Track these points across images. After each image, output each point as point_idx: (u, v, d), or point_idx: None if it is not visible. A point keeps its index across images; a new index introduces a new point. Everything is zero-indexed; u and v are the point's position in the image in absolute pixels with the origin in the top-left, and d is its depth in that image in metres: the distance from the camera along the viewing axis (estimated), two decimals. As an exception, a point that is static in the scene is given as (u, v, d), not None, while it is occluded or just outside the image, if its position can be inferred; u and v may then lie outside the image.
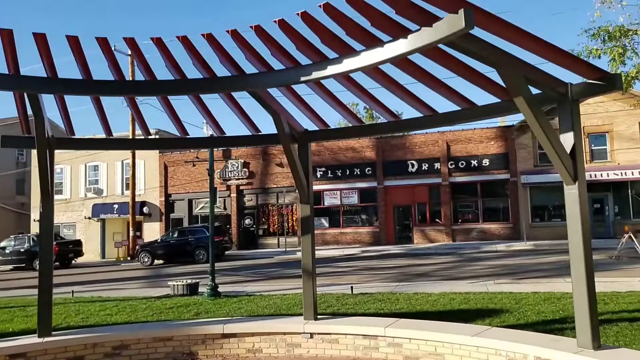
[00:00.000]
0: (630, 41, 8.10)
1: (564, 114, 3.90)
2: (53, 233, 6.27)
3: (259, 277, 17.00)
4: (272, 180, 28.67)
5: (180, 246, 23.60)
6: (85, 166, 31.65)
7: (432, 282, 12.62)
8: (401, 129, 5.76)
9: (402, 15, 3.43)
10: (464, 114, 5.17)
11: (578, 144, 3.86)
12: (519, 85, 3.58)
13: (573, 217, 3.95)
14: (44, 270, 6.00)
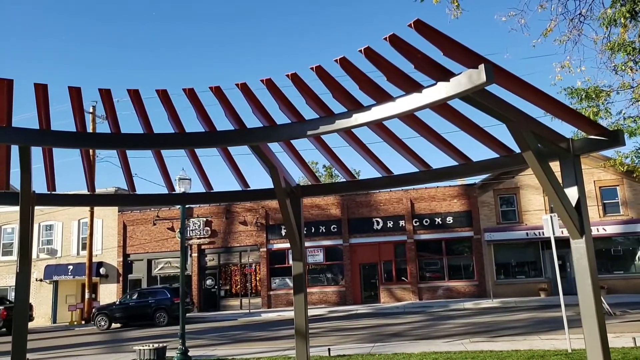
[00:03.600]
0: (603, 102, 8.73)
1: (567, 168, 4.09)
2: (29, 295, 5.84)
3: (226, 340, 16.30)
4: (235, 239, 28.13)
5: (139, 309, 22.42)
6: (38, 225, 30.08)
7: (408, 342, 12.44)
8: (395, 184, 5.85)
9: (420, 70, 3.58)
10: (461, 170, 5.33)
11: (582, 198, 4.03)
12: (528, 139, 3.75)
13: (582, 271, 4.03)
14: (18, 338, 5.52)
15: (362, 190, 5.70)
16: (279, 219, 27.54)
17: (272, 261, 27.49)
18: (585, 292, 4.02)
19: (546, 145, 4.14)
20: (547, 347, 9.82)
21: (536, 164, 3.81)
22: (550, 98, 3.67)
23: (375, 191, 27.36)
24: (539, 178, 3.93)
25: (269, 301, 26.86)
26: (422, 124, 4.73)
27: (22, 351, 5.50)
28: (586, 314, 4.02)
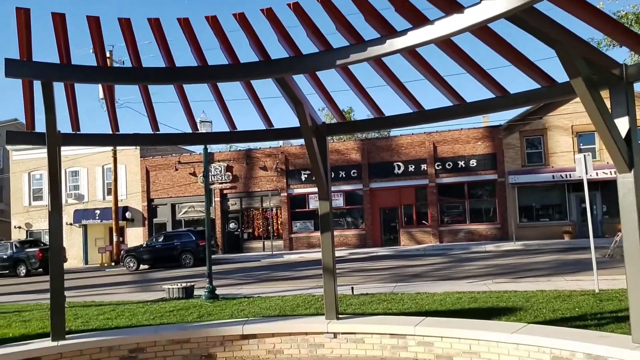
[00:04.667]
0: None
1: (619, 97, 3.80)
2: (62, 235, 5.92)
3: (251, 280, 16.69)
4: (255, 184, 28.31)
5: (165, 251, 23.05)
6: (65, 172, 30.69)
7: (430, 283, 12.53)
8: (426, 119, 5.60)
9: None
10: (498, 103, 5.05)
11: (633, 129, 3.76)
12: (579, 65, 3.46)
13: (628, 207, 3.81)
14: (55, 274, 5.65)
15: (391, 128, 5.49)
16: (299, 164, 27.54)
17: (293, 205, 27.73)
18: (630, 230, 3.84)
19: (596, 72, 3.83)
20: (573, 288, 9.76)
21: (586, 92, 3.53)
22: (608, 18, 3.35)
23: (397, 134, 26.98)
24: (588, 107, 3.67)
25: (290, 244, 27.34)
26: (459, 52, 4.43)
27: (60, 289, 5.63)
28: (630, 252, 3.86)
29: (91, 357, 5.53)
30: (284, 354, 5.89)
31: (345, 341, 5.80)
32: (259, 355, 5.92)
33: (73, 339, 5.68)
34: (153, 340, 5.77)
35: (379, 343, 5.68)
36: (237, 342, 5.92)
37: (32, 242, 26.62)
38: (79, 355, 5.47)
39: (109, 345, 5.62)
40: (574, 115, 22.71)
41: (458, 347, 5.30)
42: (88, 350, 5.52)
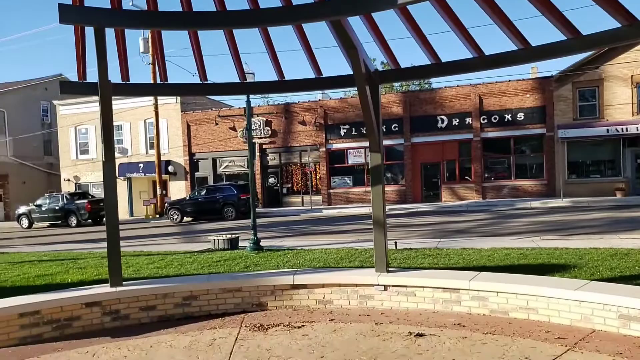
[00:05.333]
0: None
1: None
2: (116, 185, 6.00)
3: (292, 233, 16.87)
4: (294, 139, 28.22)
5: (208, 204, 23.55)
6: (108, 125, 31.44)
7: (474, 239, 12.30)
8: (487, 65, 5.25)
9: None
10: (569, 45, 4.64)
11: None
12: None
13: None
14: (111, 223, 5.78)
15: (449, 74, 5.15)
16: (338, 119, 27.18)
17: (332, 161, 27.60)
18: None
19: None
20: (630, 246, 9.35)
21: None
22: None
23: (441, 86, 26.07)
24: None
25: (329, 199, 27.42)
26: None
27: (116, 238, 5.76)
28: None
29: (147, 303, 5.69)
30: (333, 304, 5.91)
31: (395, 294, 5.74)
32: (308, 305, 5.96)
33: (129, 285, 5.85)
34: (206, 289, 5.88)
35: (431, 297, 5.60)
36: (288, 292, 5.97)
37: (81, 194, 27.60)
38: (136, 301, 5.64)
39: (164, 292, 5.76)
40: (635, 64, 21.24)
41: (515, 303, 5.15)
42: (144, 296, 5.68)
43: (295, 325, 5.24)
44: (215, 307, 5.88)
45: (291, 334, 4.96)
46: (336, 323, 5.29)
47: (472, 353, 4.23)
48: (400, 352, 4.34)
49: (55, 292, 5.80)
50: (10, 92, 36.29)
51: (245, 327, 5.31)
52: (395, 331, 4.92)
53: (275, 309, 5.94)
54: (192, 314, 5.82)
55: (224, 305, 5.90)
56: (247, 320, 5.58)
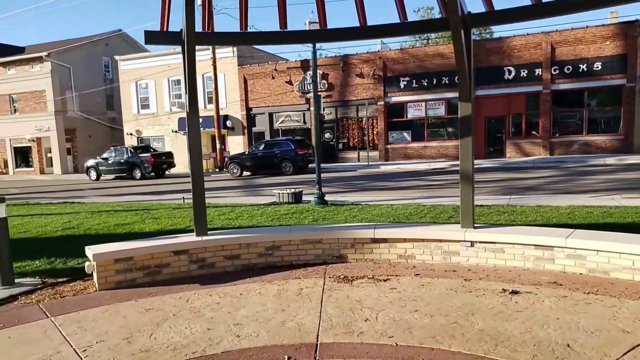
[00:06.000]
0: None
1: None
2: (200, 136, 6.01)
3: (351, 188, 16.79)
4: (351, 93, 27.70)
5: (266, 158, 23.80)
6: (168, 80, 32.04)
7: (547, 196, 11.74)
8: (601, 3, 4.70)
9: None
10: None
11: None
12: None
13: None
14: (196, 174, 5.84)
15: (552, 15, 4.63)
16: (398, 70, 26.32)
17: (390, 114, 27.00)
18: None
19: None
20: None
21: None
22: None
23: (509, 35, 24.51)
24: None
25: (386, 154, 27.02)
26: None
27: (201, 189, 5.82)
28: None
29: (232, 252, 5.78)
30: (415, 259, 5.79)
31: (482, 250, 5.53)
32: (389, 259, 5.87)
33: (213, 235, 5.94)
34: (288, 240, 5.90)
35: (521, 254, 5.35)
36: (368, 245, 5.89)
37: (144, 148, 28.52)
38: (221, 250, 5.74)
39: (248, 242, 5.82)
40: None
41: (617, 263, 4.83)
42: (229, 245, 5.77)
43: (380, 279, 5.17)
44: (297, 257, 5.90)
45: (378, 287, 4.90)
46: (422, 278, 5.18)
47: (577, 312, 4.01)
48: (497, 308, 4.18)
49: (144, 240, 5.99)
50: (74, 49, 37.52)
51: (329, 278, 5.30)
52: (487, 288, 4.74)
53: (355, 262, 5.90)
54: (275, 263, 5.87)
55: (305, 256, 5.91)
56: (330, 271, 5.57)
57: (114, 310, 4.58)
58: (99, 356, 3.55)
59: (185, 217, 10.28)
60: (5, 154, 39.12)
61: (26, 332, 4.11)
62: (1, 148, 39.17)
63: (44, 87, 36.23)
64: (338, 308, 4.34)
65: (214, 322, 4.16)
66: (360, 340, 3.65)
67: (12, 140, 38.41)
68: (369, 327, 3.89)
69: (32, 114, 36.99)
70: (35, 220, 10.73)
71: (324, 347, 3.57)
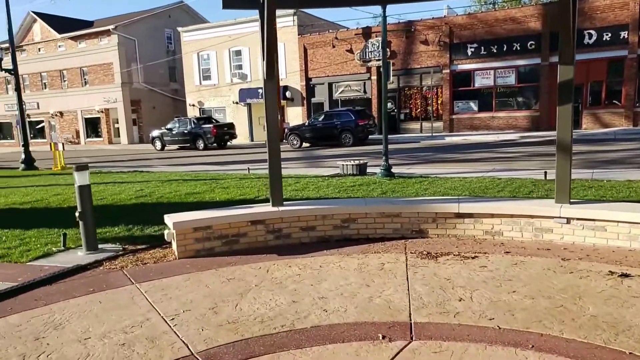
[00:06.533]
0: None
1: None
2: (277, 105, 5.83)
3: (415, 160, 16.28)
4: (415, 61, 26.69)
5: (326, 129, 23.55)
6: (229, 51, 32.23)
7: (636, 170, 10.80)
8: None
9: None
10: None
11: None
12: None
13: None
14: (273, 144, 5.68)
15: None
16: (465, 37, 25.04)
17: (455, 83, 25.86)
18: None
19: None
20: None
21: None
22: None
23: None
24: None
25: (450, 125, 26.04)
26: None
27: (278, 160, 5.67)
28: None
29: (307, 223, 5.63)
30: (503, 236, 5.40)
31: (580, 228, 5.06)
32: (474, 235, 5.51)
33: (289, 206, 5.81)
34: (364, 212, 5.67)
35: (627, 232, 4.84)
36: (451, 220, 5.55)
37: (206, 119, 29.00)
38: (297, 220, 5.60)
39: (323, 214, 5.64)
40: None
41: None
42: (305, 217, 5.62)
43: (467, 256, 4.85)
44: (374, 231, 5.67)
45: (466, 265, 4.59)
46: (513, 256, 4.80)
47: None
48: (608, 292, 3.77)
49: (221, 209, 5.96)
50: (139, 22, 38.46)
51: (411, 253, 5.03)
52: (589, 269, 4.32)
53: (437, 237, 5.59)
54: (350, 236, 5.68)
55: (382, 230, 5.67)
56: (410, 246, 5.30)
57: (196, 279, 4.55)
58: (187, 326, 3.51)
59: (252, 187, 10.29)
60: (77, 125, 41.20)
61: (114, 297, 4.16)
62: (73, 119, 41.26)
63: (112, 60, 37.55)
64: (427, 286, 4.09)
65: (297, 294, 4.03)
66: (458, 321, 3.39)
67: (83, 111, 40.33)
68: (464, 307, 3.62)
69: (100, 86, 38.57)
70: (110, 188, 11.12)
71: (419, 326, 3.34)
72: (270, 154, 5.65)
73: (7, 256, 5.56)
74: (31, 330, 3.54)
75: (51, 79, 41.37)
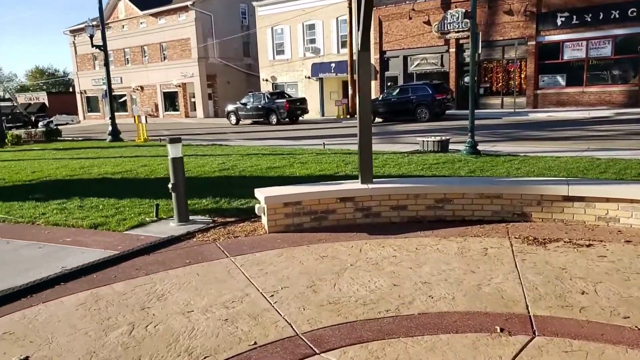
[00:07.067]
0: None
1: None
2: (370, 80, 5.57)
3: (499, 137, 15.40)
4: (497, 32, 25.14)
5: (401, 104, 22.90)
6: (302, 25, 32.03)
7: None
8: None
9: None
10: None
11: None
12: None
13: None
14: (364, 119, 5.44)
15: None
16: (554, 5, 23.19)
17: (542, 56, 24.14)
18: None
19: None
20: None
21: None
22: None
23: None
24: None
25: (534, 101, 24.46)
26: None
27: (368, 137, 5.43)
28: None
29: (398, 202, 5.38)
30: (619, 222, 4.87)
31: None
32: (584, 221, 5.02)
33: (379, 183, 5.58)
34: (461, 192, 5.32)
35: None
36: (558, 204, 5.08)
37: (279, 94, 29.15)
38: (387, 199, 5.37)
39: (416, 192, 5.36)
40: None
41: None
42: (395, 195, 5.37)
43: (580, 244, 4.41)
44: (470, 213, 5.32)
45: (582, 254, 4.16)
46: (636, 246, 4.30)
47: None
48: None
49: (309, 185, 5.84)
50: (215, -3, 39.06)
51: (515, 238, 4.66)
52: None
53: (541, 222, 5.15)
54: (445, 217, 5.37)
55: (480, 211, 5.30)
56: (512, 231, 4.91)
57: (289, 254, 4.47)
58: (288, 304, 3.41)
59: (330, 162, 10.15)
60: (156, 99, 43.04)
61: (211, 270, 4.16)
62: (152, 93, 43.11)
63: (189, 35, 38.59)
64: (540, 275, 3.73)
65: (397, 277, 3.82)
66: (585, 317, 3.04)
67: (162, 85, 41.98)
68: (589, 301, 3.25)
69: (178, 61, 39.86)
70: (193, 161, 11.41)
71: (540, 320, 3.03)
72: (361, 129, 5.41)
73: (106, 224, 5.78)
74: (136, 300, 3.60)
75: (133, 54, 43.31)
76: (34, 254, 4.84)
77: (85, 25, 19.96)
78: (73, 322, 3.26)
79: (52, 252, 4.86)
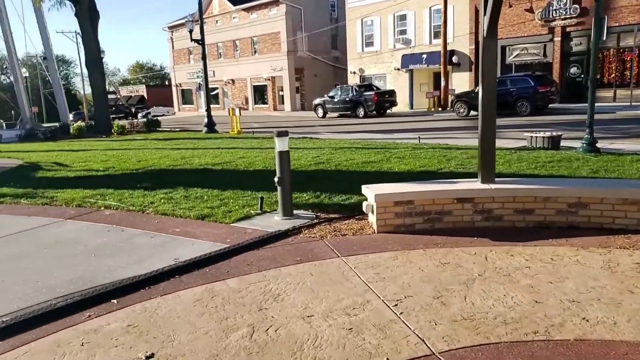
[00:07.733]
0: None
1: None
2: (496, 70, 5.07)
3: (617, 134, 13.99)
4: (612, 17, 22.79)
5: (499, 97, 20.98)
6: (393, 16, 31.29)
7: None
8: None
9: None
10: None
11: None
12: None
13: None
14: (487, 113, 4.98)
15: None
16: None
17: (665, 43, 21.61)
18: None
19: None
20: None
21: None
22: None
23: None
24: None
25: (653, 93, 21.98)
26: None
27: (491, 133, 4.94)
28: None
29: (524, 205, 4.83)
30: None
31: None
32: None
33: (502, 183, 5.07)
34: (600, 197, 4.67)
35: None
36: None
37: (367, 86, 28.64)
38: (512, 201, 4.84)
39: (545, 195, 4.79)
40: None
41: None
42: (521, 197, 4.83)
43: None
44: (610, 220, 4.66)
45: None
46: None
47: None
48: None
49: (423, 183, 5.46)
50: (305, -10, 39.32)
51: (673, 253, 3.97)
52: None
53: (702, 234, 4.38)
54: (577, 224, 4.74)
55: (624, 219, 4.62)
56: (666, 243, 4.21)
57: (405, 258, 4.13)
58: (416, 316, 3.08)
59: (430, 158, 9.64)
60: (246, 92, 44.32)
61: (324, 270, 3.94)
62: (243, 86, 44.43)
63: (279, 29, 39.22)
64: None
65: (537, 293, 3.35)
66: None
67: (252, 79, 43.13)
68: None
69: (268, 55, 40.69)
70: (287, 153, 11.37)
71: None
72: (484, 121, 4.93)
73: (212, 216, 5.78)
74: (252, 299, 3.45)
75: (225, 48, 44.88)
76: (146, 242, 4.92)
77: (185, 20, 20.84)
78: (192, 320, 3.17)
79: (164, 242, 4.90)
